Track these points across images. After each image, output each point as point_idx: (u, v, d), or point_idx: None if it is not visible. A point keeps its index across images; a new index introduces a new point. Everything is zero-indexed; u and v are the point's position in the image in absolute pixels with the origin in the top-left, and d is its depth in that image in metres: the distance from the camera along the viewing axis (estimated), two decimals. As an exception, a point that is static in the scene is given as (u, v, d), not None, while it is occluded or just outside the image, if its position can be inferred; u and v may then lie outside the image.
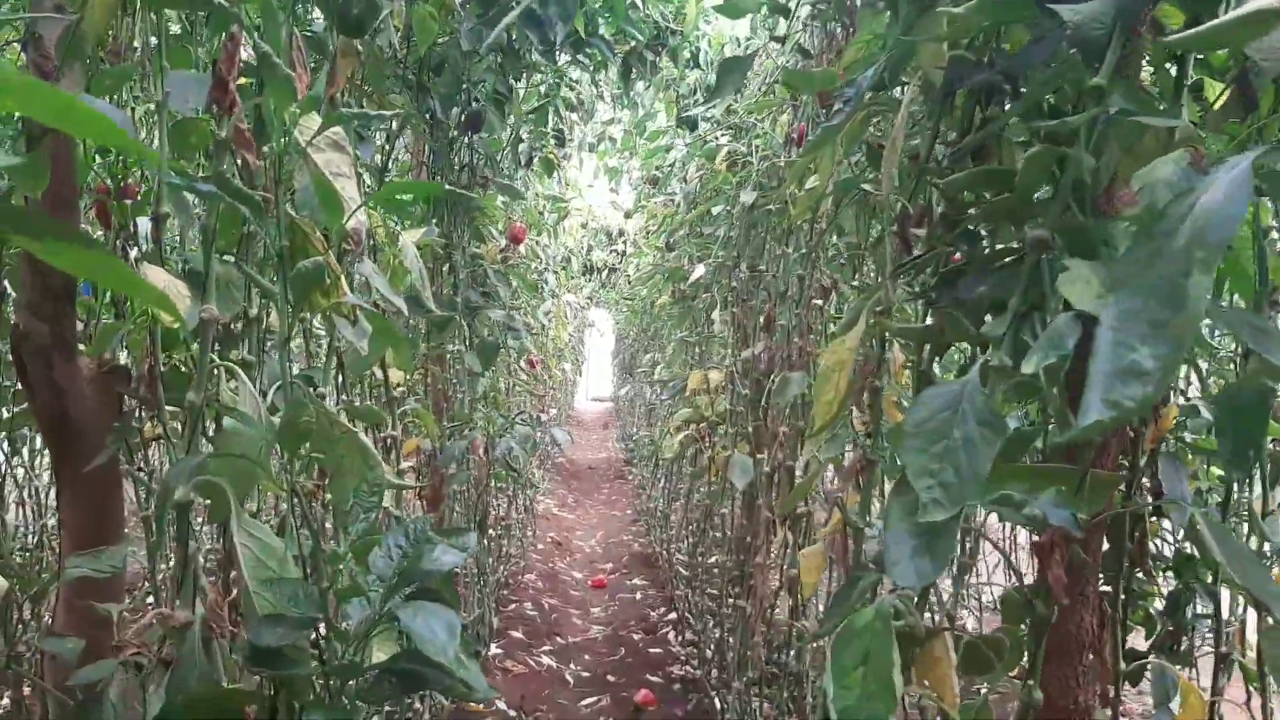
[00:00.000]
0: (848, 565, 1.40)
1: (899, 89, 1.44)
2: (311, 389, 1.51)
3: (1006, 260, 1.04)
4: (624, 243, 7.08)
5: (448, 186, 2.84)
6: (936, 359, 1.43)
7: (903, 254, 1.42)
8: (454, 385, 3.19)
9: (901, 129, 1.27)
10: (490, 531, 4.30)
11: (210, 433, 0.99)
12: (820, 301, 1.86)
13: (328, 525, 1.26)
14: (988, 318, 1.19)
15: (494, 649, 3.71)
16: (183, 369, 1.25)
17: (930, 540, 0.79)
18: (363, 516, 0.77)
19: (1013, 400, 1.37)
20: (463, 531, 0.86)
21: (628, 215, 6.18)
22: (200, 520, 1.89)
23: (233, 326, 1.32)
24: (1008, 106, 1.21)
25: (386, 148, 2.93)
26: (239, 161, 0.85)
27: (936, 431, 0.80)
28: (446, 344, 2.94)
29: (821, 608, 1.94)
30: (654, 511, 5.79)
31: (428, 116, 2.42)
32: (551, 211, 4.23)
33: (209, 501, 0.83)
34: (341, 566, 0.74)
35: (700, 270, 2.82)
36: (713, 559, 4.02)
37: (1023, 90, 1.12)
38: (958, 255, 1.25)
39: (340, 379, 1.77)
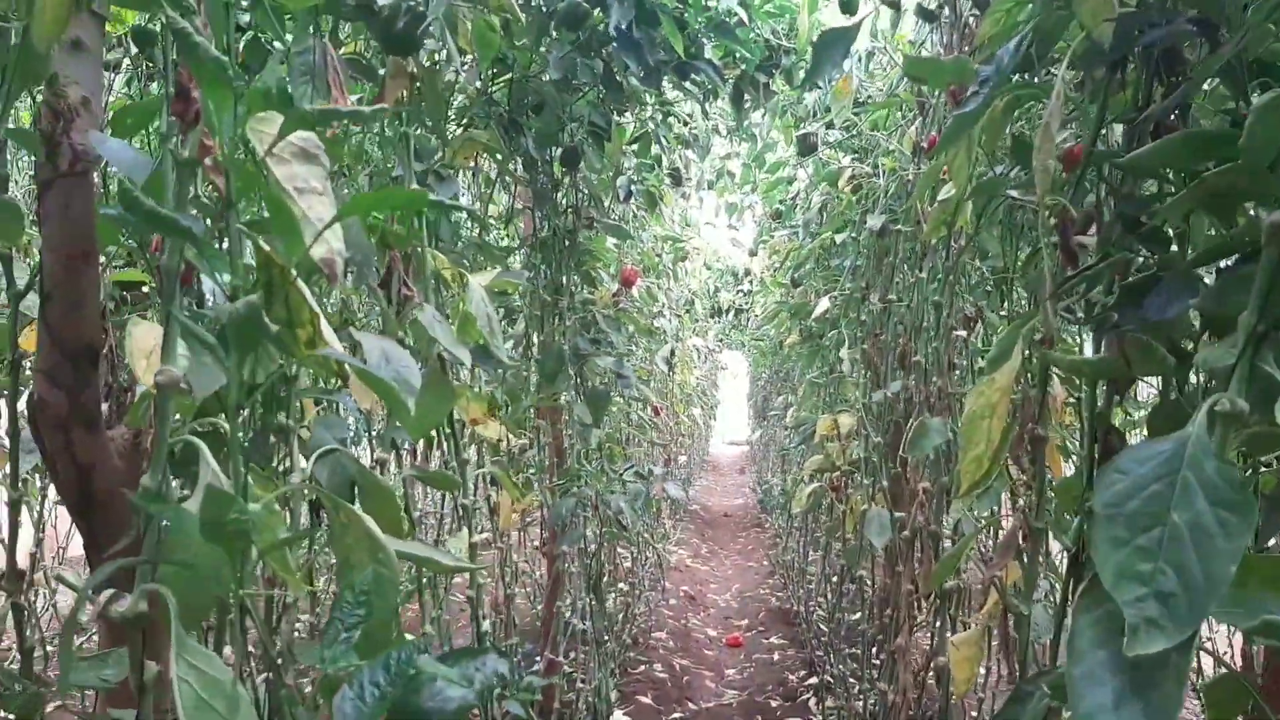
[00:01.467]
0: (1011, 662, 1.12)
1: (1047, 70, 1.18)
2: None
3: (1226, 264, 0.76)
4: (750, 282, 6.85)
5: (546, 228, 2.71)
6: (1117, 400, 1.14)
7: (1065, 268, 1.14)
8: (570, 438, 3.03)
9: (1057, 110, 1.01)
10: (613, 591, 4.11)
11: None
12: (963, 333, 1.58)
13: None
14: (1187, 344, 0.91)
15: (619, 717, 3.49)
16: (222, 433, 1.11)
17: (1142, 680, 0.52)
18: (344, 635, 0.58)
19: (1244, 455, 1.06)
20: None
21: (752, 253, 5.95)
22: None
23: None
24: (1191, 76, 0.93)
25: (487, 191, 2.84)
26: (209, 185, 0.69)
27: (1145, 514, 0.54)
28: (560, 394, 2.79)
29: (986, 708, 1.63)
30: (791, 564, 5.46)
31: (524, 155, 2.29)
32: (669, 252, 4.05)
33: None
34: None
35: (825, 304, 2.57)
36: (855, 615, 3.68)
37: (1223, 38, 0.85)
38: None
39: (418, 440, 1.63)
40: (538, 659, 2.72)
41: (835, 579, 4.18)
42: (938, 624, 1.62)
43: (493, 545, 3.15)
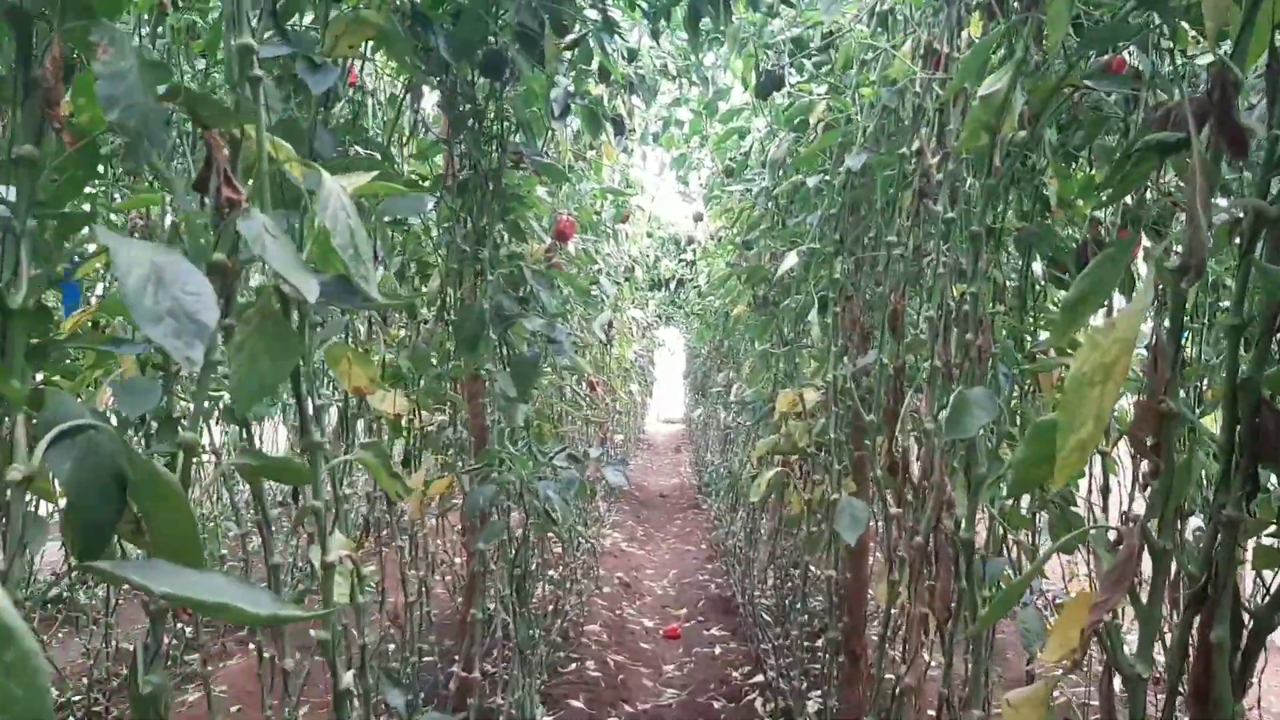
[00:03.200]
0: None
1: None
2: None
3: None
4: (694, 251, 6.46)
5: (467, 166, 2.27)
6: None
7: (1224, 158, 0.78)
8: (493, 414, 2.62)
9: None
10: (543, 580, 3.71)
11: None
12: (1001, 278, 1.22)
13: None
14: None
15: (547, 728, 3.10)
16: None
17: None
18: None
19: None
20: None
21: (698, 218, 5.56)
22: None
23: None
24: None
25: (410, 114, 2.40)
26: None
27: None
28: (484, 364, 2.37)
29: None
30: (732, 549, 5.13)
31: (436, 64, 1.85)
32: (610, 206, 3.63)
33: None
34: None
35: (791, 260, 2.19)
36: (799, 604, 3.36)
37: None
38: None
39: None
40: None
41: (784, 567, 3.87)
42: (954, 652, 1.26)
43: (395, 541, 2.72)
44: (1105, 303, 0.86)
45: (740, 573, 4.70)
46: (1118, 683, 0.84)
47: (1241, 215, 0.76)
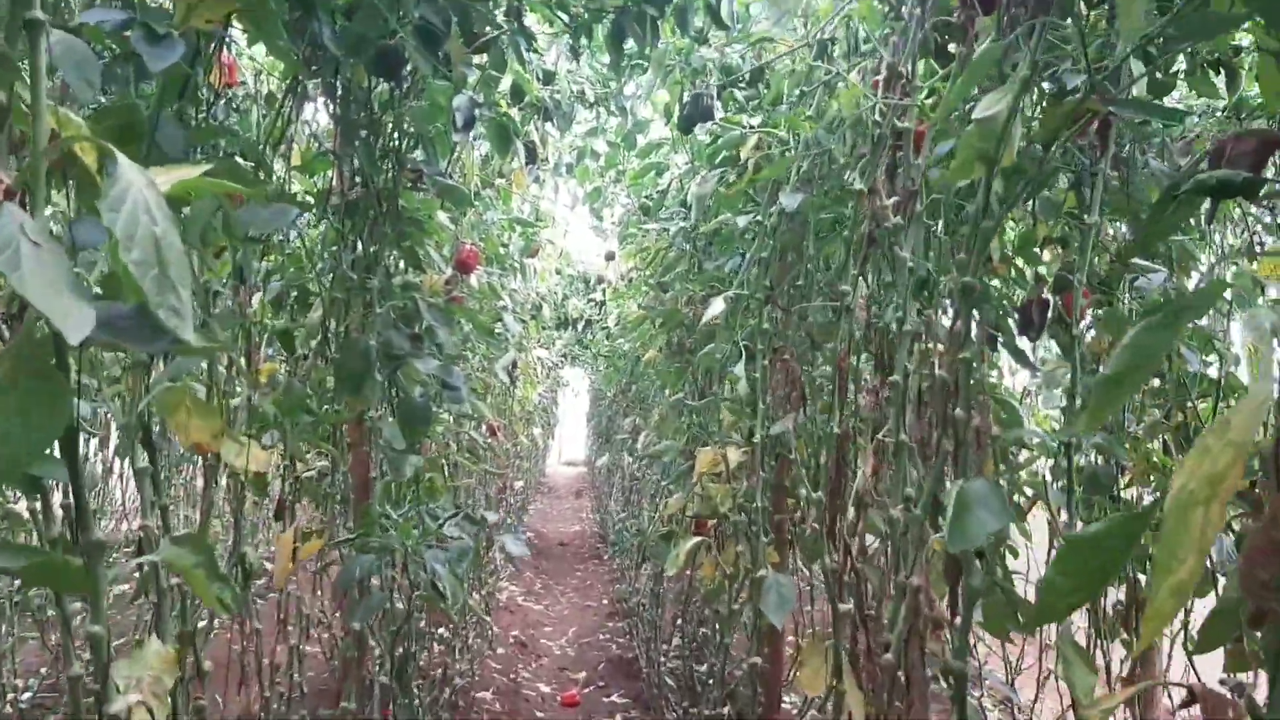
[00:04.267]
0: None
1: None
2: None
3: None
4: (604, 291, 6.25)
5: (358, 183, 1.99)
6: None
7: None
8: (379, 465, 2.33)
9: None
10: (432, 641, 3.38)
11: None
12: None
13: None
14: None
15: (427, 817, 2.76)
16: None
17: None
18: None
19: None
20: None
21: (609, 257, 5.35)
22: None
23: None
24: None
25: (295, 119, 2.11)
26: None
27: None
28: (368, 408, 2.08)
29: None
30: (636, 606, 4.87)
31: (321, 59, 1.59)
32: (518, 239, 3.38)
33: None
34: None
35: (718, 306, 1.98)
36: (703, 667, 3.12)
37: None
38: None
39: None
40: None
41: (691, 631, 3.63)
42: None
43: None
44: (1149, 379, 0.67)
45: (645, 634, 4.44)
46: None
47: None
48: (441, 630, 3.58)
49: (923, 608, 0.94)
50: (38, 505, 0.97)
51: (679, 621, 3.76)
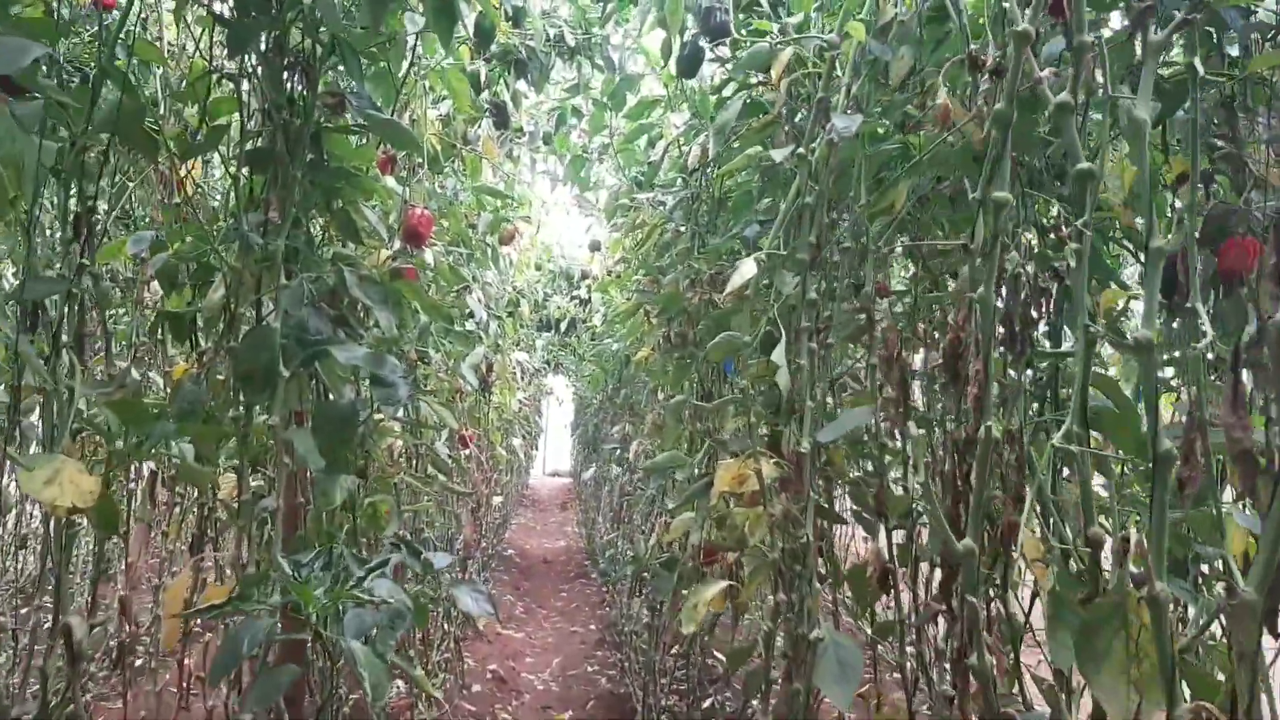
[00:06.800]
0: None
1: None
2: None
3: None
4: (588, 287, 5.73)
5: (266, 121, 1.47)
6: None
7: None
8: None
9: None
10: (391, 689, 2.84)
11: None
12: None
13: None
14: None
15: None
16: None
17: None
18: None
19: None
20: None
21: (595, 247, 4.83)
22: None
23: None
24: None
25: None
26: None
27: None
28: (271, 415, 1.56)
29: None
30: (629, 636, 4.35)
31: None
32: (490, 216, 2.84)
33: None
34: None
35: (748, 269, 1.47)
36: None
37: None
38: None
39: None
40: None
41: (695, 665, 3.14)
42: None
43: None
44: None
45: (640, 667, 3.91)
46: None
47: None
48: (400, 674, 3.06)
49: None
50: None
51: (676, 649, 3.25)
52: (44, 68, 1.23)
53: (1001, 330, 1.01)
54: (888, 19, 1.51)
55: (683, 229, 2.79)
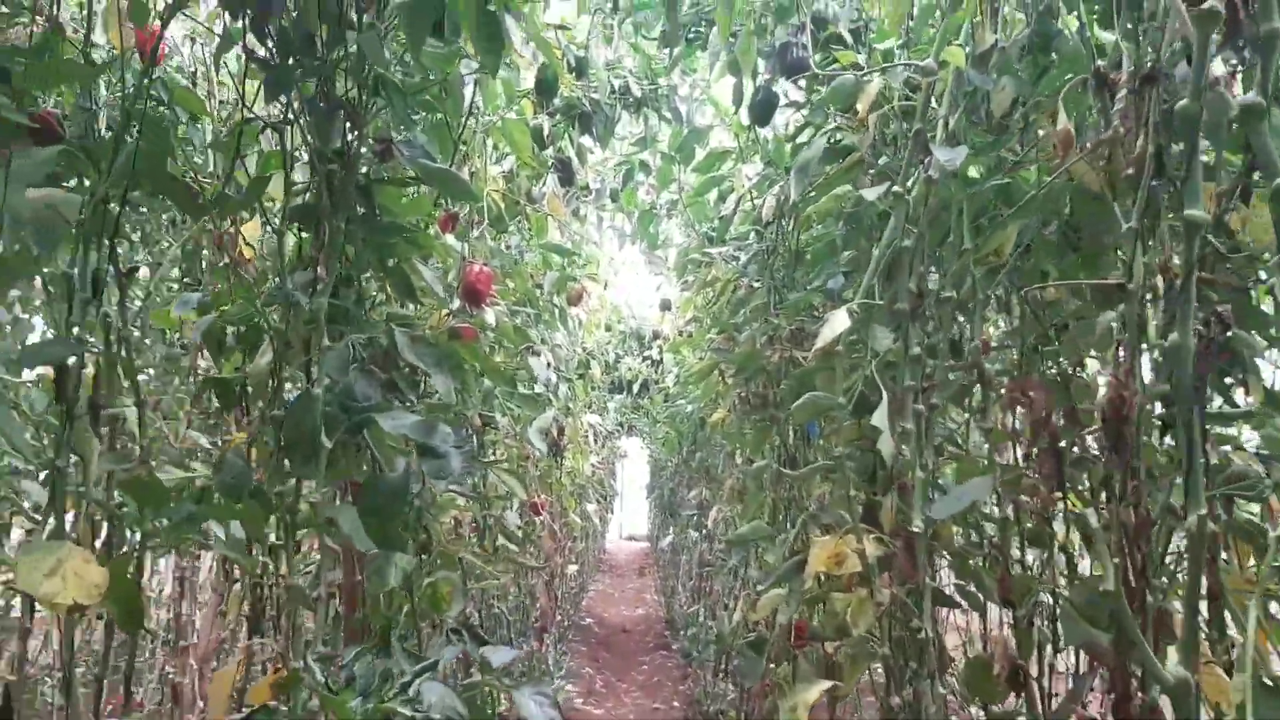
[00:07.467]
0: None
1: None
2: None
3: None
4: (659, 348, 5.59)
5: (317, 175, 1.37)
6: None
7: None
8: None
9: None
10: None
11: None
12: None
13: None
14: None
15: None
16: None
17: None
18: None
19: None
20: None
21: (665, 306, 4.71)
22: None
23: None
24: None
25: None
26: None
27: None
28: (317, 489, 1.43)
29: None
30: (713, 715, 4.08)
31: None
32: (555, 276, 2.73)
33: None
34: None
35: (840, 322, 1.30)
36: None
37: None
38: None
39: None
40: None
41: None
42: None
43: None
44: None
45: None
46: None
47: None
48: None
49: None
50: None
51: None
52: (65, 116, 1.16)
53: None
54: (988, 46, 1.35)
55: (757, 284, 2.63)
